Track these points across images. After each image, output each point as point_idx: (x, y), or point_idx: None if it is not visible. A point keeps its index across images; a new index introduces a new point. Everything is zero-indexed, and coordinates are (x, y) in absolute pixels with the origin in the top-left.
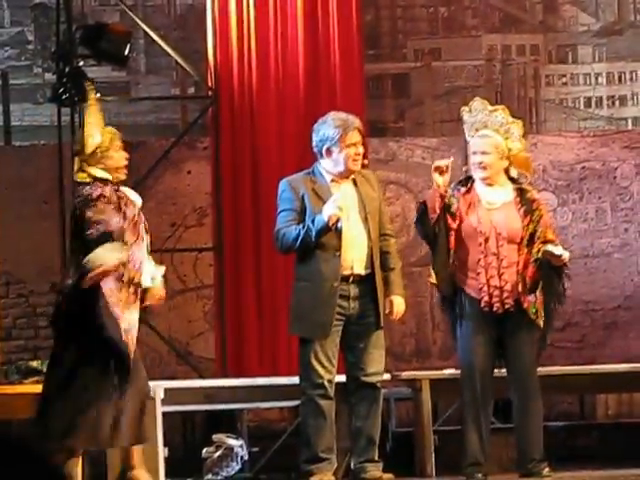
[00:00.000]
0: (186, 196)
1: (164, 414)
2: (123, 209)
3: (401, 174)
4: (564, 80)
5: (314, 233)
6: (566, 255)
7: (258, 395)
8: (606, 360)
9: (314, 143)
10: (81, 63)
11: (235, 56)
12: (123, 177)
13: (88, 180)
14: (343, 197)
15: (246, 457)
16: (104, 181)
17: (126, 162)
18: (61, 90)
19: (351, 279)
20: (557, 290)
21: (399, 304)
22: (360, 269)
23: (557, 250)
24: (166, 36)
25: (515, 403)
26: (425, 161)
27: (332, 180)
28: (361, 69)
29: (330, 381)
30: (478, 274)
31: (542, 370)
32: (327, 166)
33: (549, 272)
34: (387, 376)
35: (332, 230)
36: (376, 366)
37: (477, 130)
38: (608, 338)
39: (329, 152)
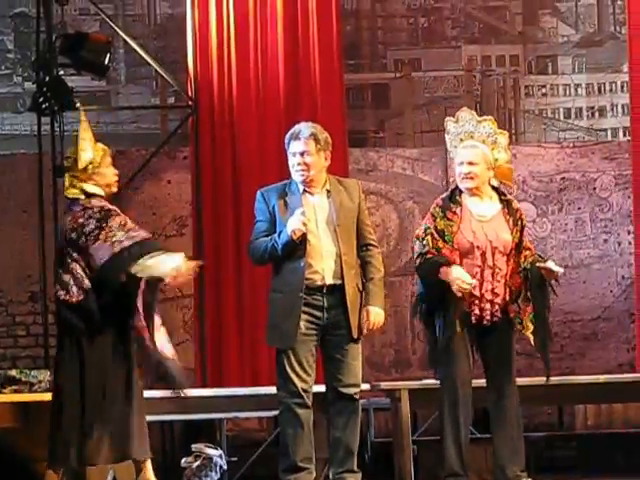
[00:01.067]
0: (166, 206)
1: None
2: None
3: (381, 184)
4: (544, 91)
5: (280, 247)
6: (561, 271)
7: (237, 405)
8: (585, 371)
9: None
10: (61, 72)
11: (215, 66)
12: (115, 190)
13: (80, 196)
14: (311, 209)
15: (225, 467)
16: (98, 196)
17: (116, 178)
18: (41, 99)
19: (324, 289)
20: (548, 302)
21: (376, 314)
22: (330, 279)
23: (555, 267)
24: (146, 46)
25: (494, 413)
26: (405, 171)
27: (304, 191)
28: (341, 79)
29: (306, 390)
30: (474, 288)
31: (521, 380)
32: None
33: (542, 285)
34: (366, 386)
35: (297, 243)
36: (353, 378)
37: (462, 140)
38: (587, 349)
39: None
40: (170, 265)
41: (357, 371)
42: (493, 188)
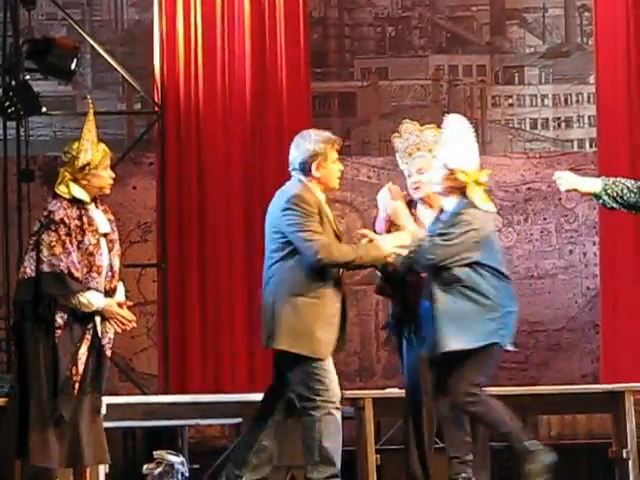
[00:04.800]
0: (131, 212)
1: (105, 430)
2: (78, 239)
3: (346, 192)
4: (510, 101)
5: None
6: None
7: (199, 412)
8: (549, 381)
9: None
10: (27, 77)
11: (182, 72)
12: (107, 192)
13: (66, 196)
14: None
15: (187, 474)
16: (78, 202)
17: (111, 181)
18: (7, 103)
19: None
20: None
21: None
22: None
23: None
24: (113, 51)
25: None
26: (371, 180)
27: None
28: (308, 87)
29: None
30: None
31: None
32: None
33: None
34: None
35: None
36: None
37: (410, 155)
38: (552, 359)
39: None
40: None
41: None
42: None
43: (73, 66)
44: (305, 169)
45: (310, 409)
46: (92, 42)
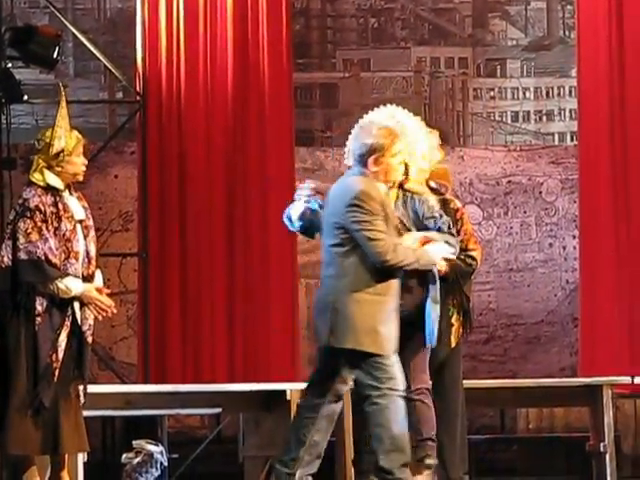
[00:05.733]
0: (113, 201)
1: (84, 418)
2: (54, 225)
3: (327, 184)
4: (492, 94)
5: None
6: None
7: (179, 401)
8: (528, 374)
9: None
10: (9, 65)
11: (164, 61)
12: (80, 179)
13: (40, 183)
14: None
15: (166, 463)
16: (52, 189)
17: (84, 167)
18: None
19: None
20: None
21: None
22: None
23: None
24: (95, 40)
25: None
26: None
27: None
28: (290, 78)
29: None
30: None
31: (464, 383)
32: None
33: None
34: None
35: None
36: None
37: None
38: (530, 352)
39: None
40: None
41: None
42: (431, 189)
43: (55, 54)
44: (363, 162)
45: (376, 397)
46: (74, 30)
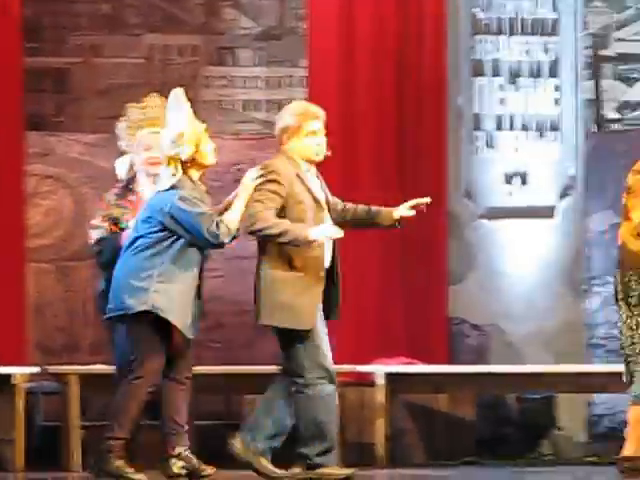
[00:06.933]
0: None
1: None
2: None
3: (59, 169)
4: (223, 82)
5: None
6: None
7: None
8: (255, 361)
9: None
10: None
11: None
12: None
13: None
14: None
15: None
16: None
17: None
18: None
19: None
20: None
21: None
22: (328, 261)
23: None
24: None
25: None
26: (83, 156)
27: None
28: (20, 62)
29: None
30: None
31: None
32: None
33: None
34: (36, 369)
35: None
36: None
37: (141, 128)
38: (256, 339)
39: None
40: None
41: None
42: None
43: None
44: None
45: (301, 386)
46: None
